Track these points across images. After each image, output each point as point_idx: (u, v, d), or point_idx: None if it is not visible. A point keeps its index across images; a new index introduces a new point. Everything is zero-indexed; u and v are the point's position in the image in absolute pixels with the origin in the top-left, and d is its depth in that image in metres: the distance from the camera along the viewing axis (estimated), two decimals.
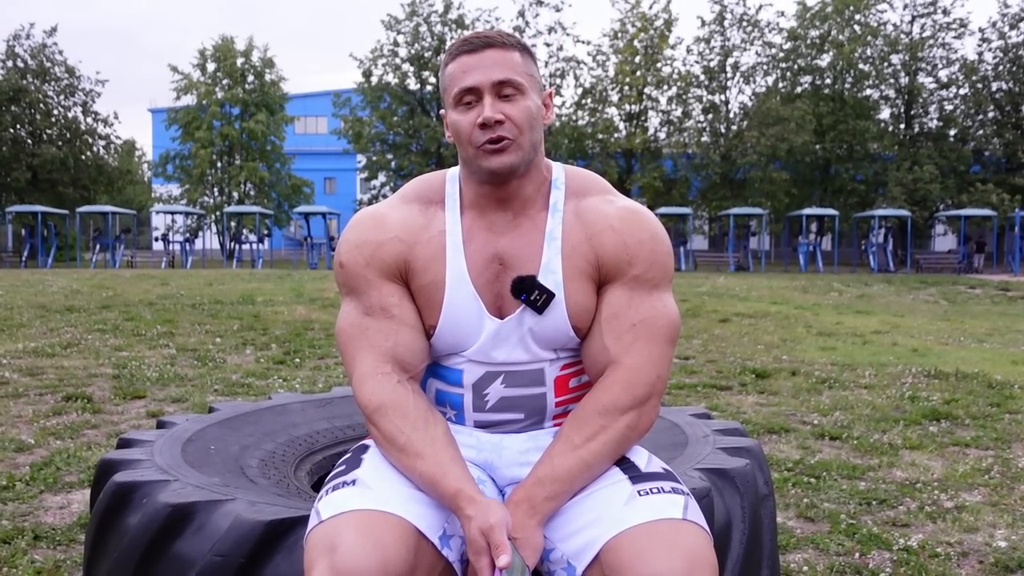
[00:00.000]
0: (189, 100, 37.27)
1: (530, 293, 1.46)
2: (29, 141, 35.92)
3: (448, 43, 29.10)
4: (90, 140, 37.76)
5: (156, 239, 33.60)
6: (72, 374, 6.13)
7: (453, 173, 1.57)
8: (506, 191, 1.48)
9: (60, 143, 36.07)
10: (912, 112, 36.15)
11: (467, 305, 1.48)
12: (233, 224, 33.86)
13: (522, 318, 1.48)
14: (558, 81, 34.63)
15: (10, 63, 35.74)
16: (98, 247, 29.69)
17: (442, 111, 1.53)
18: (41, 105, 36.06)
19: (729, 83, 36.01)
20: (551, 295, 1.46)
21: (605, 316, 1.47)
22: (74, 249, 31.77)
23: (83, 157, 36.80)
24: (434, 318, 1.49)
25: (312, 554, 1.25)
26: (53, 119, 36.74)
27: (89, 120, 37.77)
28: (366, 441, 1.51)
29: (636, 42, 34.27)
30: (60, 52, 36.90)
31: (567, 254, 1.48)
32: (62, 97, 37.23)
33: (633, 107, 35.22)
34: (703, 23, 35.51)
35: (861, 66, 34.82)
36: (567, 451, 1.40)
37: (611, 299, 1.48)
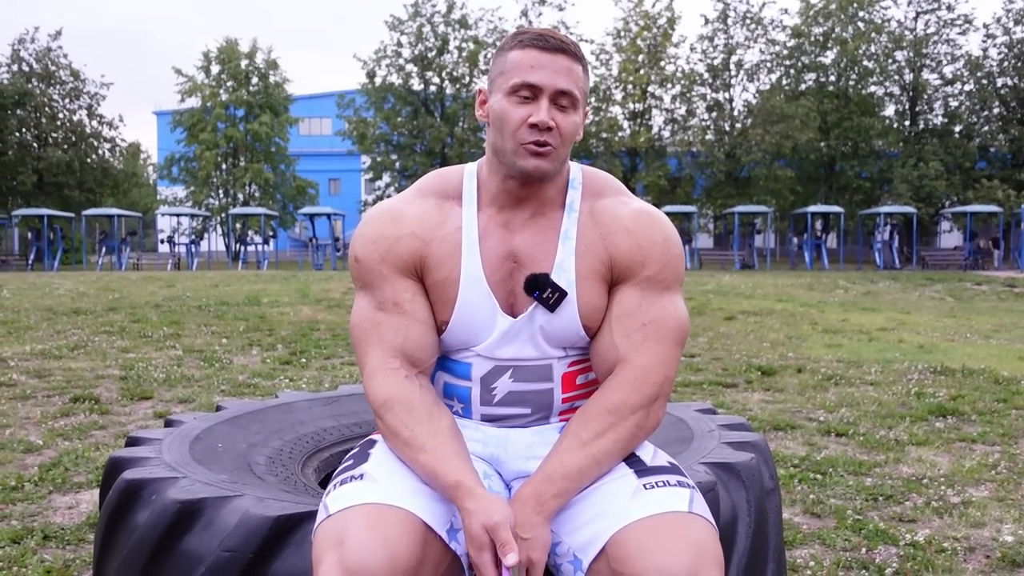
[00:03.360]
0: (194, 102, 37.33)
1: (543, 291, 1.47)
2: (35, 145, 36.02)
3: (451, 43, 28.72)
4: (95, 143, 37.82)
5: (162, 241, 33.57)
6: (79, 375, 6.15)
7: (471, 169, 1.57)
8: (528, 190, 1.49)
9: (65, 146, 36.14)
10: (917, 109, 36.03)
11: (480, 303, 1.49)
12: (238, 226, 33.90)
13: (533, 316, 1.49)
14: None
15: (15, 67, 35.83)
16: (104, 250, 29.78)
17: (480, 87, 1.53)
18: (46, 108, 36.14)
19: (733, 81, 35.94)
20: (564, 293, 1.47)
21: (615, 315, 1.49)
22: (80, 252, 31.86)
23: (88, 160, 36.87)
24: (447, 314, 1.50)
25: (320, 548, 1.26)
26: (58, 122, 36.83)
27: (94, 123, 37.84)
28: (374, 436, 1.52)
29: (639, 40, 34.22)
30: (65, 55, 36.99)
31: (581, 253, 1.49)
32: (67, 100, 37.30)
33: (637, 106, 35.17)
34: (706, 21, 35.45)
35: (865, 63, 34.70)
36: (576, 448, 1.40)
37: (622, 299, 1.49)
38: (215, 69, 37.47)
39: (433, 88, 35.62)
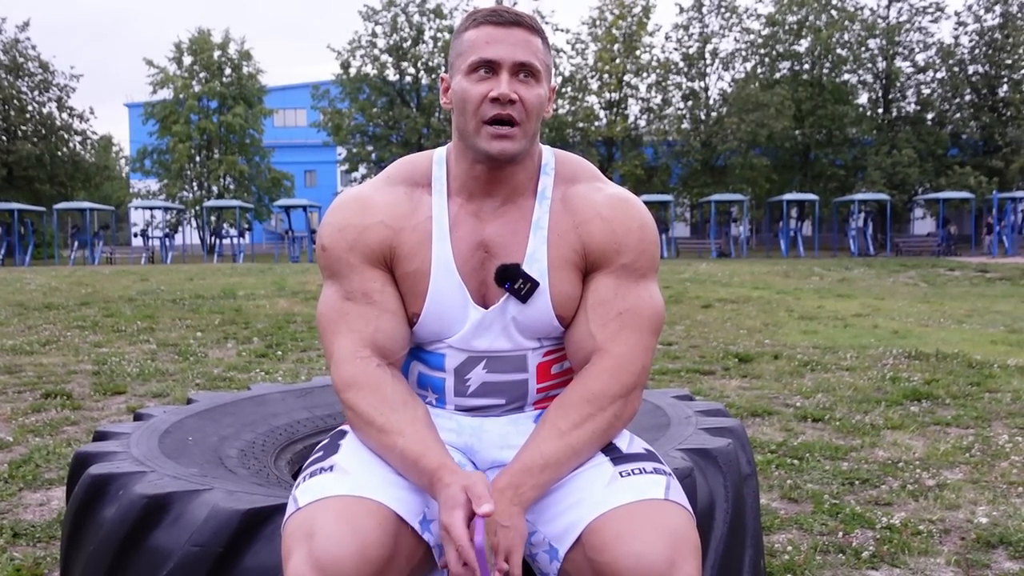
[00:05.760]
0: (166, 94, 36.89)
1: (514, 281, 1.44)
2: (3, 138, 35.43)
3: (426, 33, 28.40)
4: (66, 136, 37.30)
5: (135, 235, 33.23)
6: (51, 371, 6.06)
7: (440, 155, 1.54)
8: (498, 175, 1.46)
9: (35, 139, 35.59)
10: (890, 96, 36.30)
11: (452, 294, 1.46)
12: (213, 219, 33.61)
13: (506, 307, 1.46)
14: None
15: None
16: (76, 244, 29.42)
17: (443, 75, 1.50)
18: (15, 101, 35.56)
19: (708, 70, 36.03)
20: (535, 284, 1.44)
21: (591, 304, 1.46)
22: (52, 247, 31.44)
23: (59, 153, 36.35)
24: (418, 306, 1.47)
25: (289, 542, 1.23)
26: (27, 115, 36.26)
27: (64, 116, 37.31)
28: (344, 427, 1.49)
29: (615, 29, 34.19)
30: (33, 47, 36.42)
31: (553, 243, 1.46)
32: (36, 93, 36.73)
33: (613, 95, 35.16)
34: (681, 10, 35.50)
35: (839, 51, 34.89)
36: (554, 438, 1.37)
37: (597, 287, 1.46)
38: (187, 60, 37.05)
39: (408, 78, 35.40)
